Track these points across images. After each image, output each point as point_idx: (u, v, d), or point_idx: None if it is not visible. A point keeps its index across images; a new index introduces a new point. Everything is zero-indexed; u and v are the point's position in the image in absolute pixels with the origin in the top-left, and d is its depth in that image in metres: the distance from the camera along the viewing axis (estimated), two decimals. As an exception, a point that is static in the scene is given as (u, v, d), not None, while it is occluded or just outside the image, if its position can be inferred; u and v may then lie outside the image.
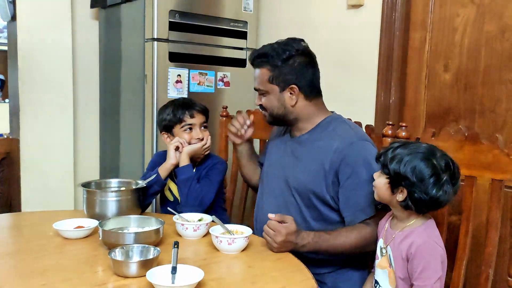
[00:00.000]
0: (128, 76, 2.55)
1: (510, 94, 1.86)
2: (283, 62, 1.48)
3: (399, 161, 1.19)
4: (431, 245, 1.20)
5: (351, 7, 2.29)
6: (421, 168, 1.17)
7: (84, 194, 1.56)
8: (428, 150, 1.21)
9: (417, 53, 2.14)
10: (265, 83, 1.51)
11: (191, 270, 1.09)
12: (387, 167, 1.22)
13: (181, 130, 1.77)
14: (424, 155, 1.19)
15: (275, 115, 1.54)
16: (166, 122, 1.79)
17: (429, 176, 1.17)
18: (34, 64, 2.52)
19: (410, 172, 1.17)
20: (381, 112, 2.20)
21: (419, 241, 1.20)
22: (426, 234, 1.22)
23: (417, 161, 1.18)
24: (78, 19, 2.75)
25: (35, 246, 1.34)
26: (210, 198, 1.72)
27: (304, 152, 1.52)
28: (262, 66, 1.51)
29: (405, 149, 1.21)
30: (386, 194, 1.24)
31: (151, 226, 1.38)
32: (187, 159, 1.73)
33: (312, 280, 1.15)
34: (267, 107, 1.54)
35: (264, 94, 1.54)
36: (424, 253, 1.19)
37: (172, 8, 2.33)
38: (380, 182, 1.25)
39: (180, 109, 1.77)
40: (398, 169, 1.19)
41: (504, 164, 1.34)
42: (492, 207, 1.38)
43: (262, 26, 2.78)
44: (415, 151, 1.20)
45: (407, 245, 1.21)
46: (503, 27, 1.86)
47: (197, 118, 1.77)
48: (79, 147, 2.81)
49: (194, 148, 1.75)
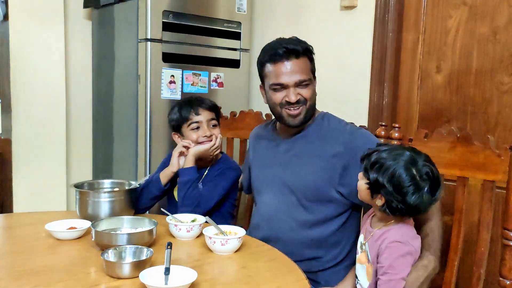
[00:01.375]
0: (122, 76, 2.54)
1: (502, 96, 1.87)
2: (312, 53, 1.54)
3: (379, 168, 1.20)
4: (402, 243, 1.21)
5: (345, 8, 2.30)
6: (400, 177, 1.17)
7: (77, 195, 1.55)
8: (410, 158, 1.20)
9: (409, 54, 2.15)
10: (309, 72, 1.52)
11: (184, 271, 1.09)
12: (367, 172, 1.23)
13: (189, 129, 1.71)
14: (405, 163, 1.18)
15: (312, 106, 1.54)
16: (174, 122, 1.75)
17: (408, 185, 1.17)
18: (26, 64, 2.51)
19: (388, 182, 1.18)
20: (374, 113, 2.21)
21: (391, 239, 1.22)
22: (400, 233, 1.23)
23: (397, 170, 1.17)
24: (70, 19, 2.74)
25: (27, 247, 1.34)
26: (209, 204, 1.66)
27: (304, 150, 1.53)
28: (305, 56, 1.51)
29: (389, 154, 1.21)
30: (367, 197, 1.27)
31: (144, 227, 1.38)
32: (192, 160, 1.66)
33: (306, 281, 1.15)
34: (308, 97, 1.51)
35: (308, 85, 1.51)
36: (393, 250, 1.21)
37: (165, 9, 2.32)
38: (361, 184, 1.27)
39: (185, 107, 1.71)
40: (377, 177, 1.20)
41: (495, 165, 1.35)
42: (483, 208, 1.39)
43: (255, 27, 2.78)
44: (397, 158, 1.19)
45: (380, 241, 1.24)
46: (495, 28, 1.88)
47: (204, 115, 1.71)
48: (72, 148, 2.80)
49: (201, 149, 1.68)
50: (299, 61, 1.49)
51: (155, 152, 2.35)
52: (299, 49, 1.49)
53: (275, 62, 1.50)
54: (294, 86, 1.49)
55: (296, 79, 1.48)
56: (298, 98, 1.49)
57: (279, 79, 1.49)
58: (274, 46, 1.52)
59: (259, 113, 2.13)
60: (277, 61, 1.49)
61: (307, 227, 1.51)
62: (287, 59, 1.48)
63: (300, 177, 1.51)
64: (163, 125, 2.37)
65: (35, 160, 2.56)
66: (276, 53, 1.49)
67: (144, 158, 2.34)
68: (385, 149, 1.24)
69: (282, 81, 1.49)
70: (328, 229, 1.51)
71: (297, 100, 1.49)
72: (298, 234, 1.51)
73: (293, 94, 1.49)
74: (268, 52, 1.52)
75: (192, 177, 1.65)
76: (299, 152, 1.54)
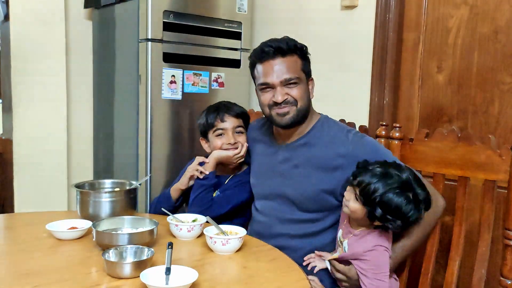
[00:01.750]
0: (122, 76, 2.54)
1: (503, 95, 1.87)
2: (305, 52, 1.50)
3: (379, 203, 1.22)
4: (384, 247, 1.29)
5: (345, 8, 2.30)
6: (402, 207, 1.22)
7: (78, 195, 1.55)
8: (404, 183, 1.24)
9: (410, 53, 2.15)
10: (298, 71, 1.47)
11: (185, 270, 1.08)
12: (368, 203, 1.25)
13: (214, 136, 1.68)
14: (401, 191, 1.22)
15: (303, 107, 1.48)
16: (201, 127, 1.73)
17: (409, 210, 1.23)
18: (28, 64, 2.51)
19: (393, 213, 1.23)
20: (375, 112, 2.21)
21: (376, 242, 1.29)
22: (380, 240, 1.30)
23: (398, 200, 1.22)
24: (71, 19, 2.74)
25: (28, 247, 1.34)
26: (219, 211, 1.63)
27: (305, 162, 1.50)
28: (294, 54, 1.47)
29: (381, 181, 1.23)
30: (361, 217, 1.30)
31: (145, 227, 1.38)
32: (213, 165, 1.63)
33: (306, 281, 1.15)
34: (297, 97, 1.46)
35: (296, 84, 1.46)
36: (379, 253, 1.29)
37: (166, 9, 2.32)
38: (356, 207, 1.29)
39: (212, 113, 1.68)
40: (381, 212, 1.23)
41: (496, 164, 1.35)
42: (485, 208, 1.39)
43: (256, 27, 2.78)
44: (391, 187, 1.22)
45: (361, 245, 1.30)
46: (496, 28, 1.88)
47: (229, 122, 1.67)
48: (73, 148, 2.80)
49: (222, 154, 1.64)
50: (286, 59, 1.45)
51: (156, 152, 2.35)
52: (285, 47, 1.45)
53: (262, 62, 1.48)
54: (281, 85, 1.45)
55: (282, 78, 1.44)
56: (285, 98, 1.45)
57: (265, 78, 1.47)
58: (261, 45, 1.49)
59: (260, 113, 2.12)
60: (263, 60, 1.47)
61: (309, 236, 1.50)
62: (273, 58, 1.45)
63: (301, 190, 1.49)
64: (164, 125, 2.38)
65: (36, 160, 2.57)
66: (263, 52, 1.47)
67: (144, 158, 2.34)
68: (376, 181, 1.24)
69: (268, 80, 1.46)
70: (330, 236, 1.50)
71: (284, 99, 1.45)
72: (300, 243, 1.50)
73: (280, 93, 1.45)
74: (256, 52, 1.50)
75: (209, 182, 1.62)
76: (299, 163, 1.50)
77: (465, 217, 1.45)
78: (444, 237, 1.52)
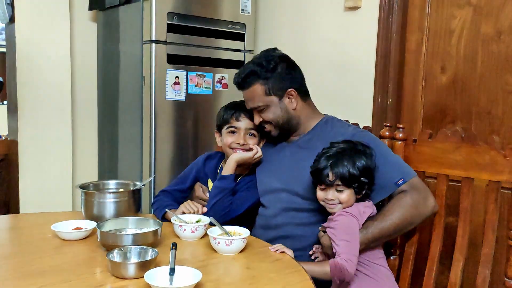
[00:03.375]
0: (126, 78, 2.55)
1: (507, 96, 1.87)
2: (272, 72, 1.55)
3: (360, 172, 1.33)
4: (348, 214, 1.34)
5: (349, 9, 2.30)
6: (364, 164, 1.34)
7: (82, 196, 1.56)
8: (350, 145, 1.38)
9: (414, 55, 2.15)
10: (263, 97, 1.55)
11: (189, 271, 1.09)
12: (345, 179, 1.33)
13: (226, 132, 1.68)
14: (351, 150, 1.36)
15: (280, 124, 1.57)
16: (218, 122, 1.72)
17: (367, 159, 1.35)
18: (32, 66, 2.53)
19: (367, 173, 1.34)
20: (378, 113, 2.20)
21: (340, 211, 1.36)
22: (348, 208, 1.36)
23: (357, 158, 1.34)
24: (76, 21, 2.75)
25: (33, 248, 1.34)
26: (235, 213, 1.61)
27: (308, 155, 1.51)
28: (253, 84, 1.55)
29: (344, 159, 1.34)
30: (353, 200, 1.37)
31: (149, 227, 1.38)
32: (233, 167, 1.61)
33: (310, 281, 1.15)
34: (270, 120, 1.56)
35: (264, 110, 1.56)
36: (342, 220, 1.34)
37: (170, 10, 2.33)
38: (347, 196, 1.35)
39: (229, 110, 1.69)
40: (358, 175, 1.33)
41: (500, 165, 1.34)
42: (489, 209, 1.38)
43: (260, 28, 2.78)
44: (346, 152, 1.35)
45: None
46: (499, 29, 1.88)
47: (244, 122, 1.65)
48: (77, 149, 2.81)
49: (244, 157, 1.62)
50: (247, 91, 1.57)
51: (160, 153, 2.36)
52: (241, 81, 1.57)
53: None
54: (254, 110, 1.58)
55: (249, 106, 1.59)
56: (261, 120, 1.58)
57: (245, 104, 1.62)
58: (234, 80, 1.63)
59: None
60: (239, 90, 1.63)
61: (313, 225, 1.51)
62: (241, 89, 1.61)
63: (305, 180, 1.51)
64: (168, 125, 2.39)
65: (41, 161, 2.58)
66: (235, 83, 1.62)
67: (149, 159, 2.35)
68: (329, 158, 1.36)
69: (246, 105, 1.61)
70: None
71: (260, 121, 1.58)
72: (304, 232, 1.51)
73: (256, 117, 1.59)
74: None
75: (230, 185, 1.60)
76: (304, 156, 1.53)
77: (469, 218, 1.44)
78: (448, 238, 1.52)
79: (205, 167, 1.78)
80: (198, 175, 1.77)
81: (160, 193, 1.77)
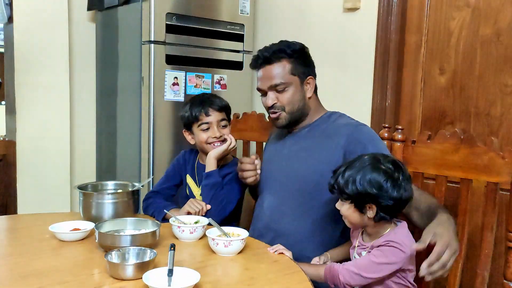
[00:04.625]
0: (125, 78, 2.55)
1: (505, 97, 1.87)
2: (299, 54, 1.55)
3: (353, 183, 1.22)
4: (393, 243, 1.22)
5: (348, 10, 2.30)
6: (375, 178, 1.21)
7: (81, 197, 1.56)
8: (372, 159, 1.25)
9: (412, 56, 2.15)
10: (287, 75, 1.53)
11: (188, 272, 1.09)
12: (345, 193, 1.25)
13: (199, 129, 1.72)
14: (372, 166, 1.23)
15: (295, 110, 1.55)
16: (184, 120, 1.76)
17: (385, 181, 1.20)
18: (31, 66, 2.52)
19: (369, 187, 1.21)
20: (377, 114, 2.21)
21: (386, 239, 1.24)
22: (395, 235, 1.24)
23: (369, 174, 1.21)
24: (74, 21, 2.75)
25: (31, 249, 1.34)
26: (232, 207, 1.67)
27: (309, 143, 1.55)
28: (281, 59, 1.53)
29: (352, 169, 1.25)
30: (357, 217, 1.27)
31: (148, 228, 1.38)
32: (214, 163, 1.67)
33: (308, 282, 1.15)
34: (287, 102, 1.53)
35: (284, 89, 1.53)
36: (383, 249, 1.23)
37: (169, 11, 2.33)
38: (346, 210, 1.28)
39: (196, 107, 1.72)
40: (357, 190, 1.22)
41: (499, 166, 1.35)
42: (487, 210, 1.39)
43: (258, 29, 2.78)
44: (362, 166, 1.23)
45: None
46: (498, 30, 1.88)
47: (214, 116, 1.71)
48: (76, 149, 2.81)
49: (220, 151, 1.68)
50: (272, 66, 1.53)
51: (159, 153, 2.36)
52: (270, 55, 1.53)
53: (255, 69, 1.60)
54: (270, 90, 1.54)
55: (268, 84, 1.54)
56: (274, 103, 1.54)
57: (258, 84, 1.58)
58: (254, 55, 1.60)
59: (262, 114, 2.13)
60: (255, 68, 1.59)
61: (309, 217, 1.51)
62: (262, 66, 1.56)
63: (304, 168, 1.53)
64: (166, 126, 2.38)
65: (39, 162, 2.57)
66: (254, 61, 1.59)
67: (147, 159, 2.35)
68: (345, 169, 1.26)
69: (259, 86, 1.57)
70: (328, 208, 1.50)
71: (273, 104, 1.54)
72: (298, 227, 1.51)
73: (269, 98, 1.54)
74: (251, 60, 1.61)
75: (218, 179, 1.66)
76: (305, 146, 1.56)
77: (467, 219, 1.44)
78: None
79: (184, 164, 1.84)
80: (180, 172, 1.84)
81: (151, 194, 1.79)
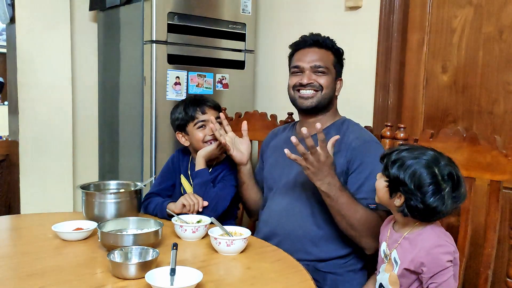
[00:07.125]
0: (127, 78, 2.55)
1: (508, 95, 1.86)
2: (340, 54, 1.62)
3: (400, 166, 1.16)
4: (441, 246, 1.16)
5: (349, 9, 2.30)
6: (421, 175, 1.14)
7: (83, 196, 1.56)
8: (433, 157, 1.17)
9: (415, 54, 2.15)
10: (329, 64, 1.58)
11: (190, 271, 1.09)
12: (387, 170, 1.20)
13: (195, 128, 1.72)
14: (427, 162, 1.15)
15: (327, 97, 1.57)
16: (179, 121, 1.76)
17: (428, 184, 1.13)
18: (33, 66, 2.53)
19: (409, 179, 1.14)
20: (379, 113, 2.20)
21: (429, 243, 1.16)
22: (435, 235, 1.18)
23: (418, 168, 1.14)
24: (76, 21, 2.75)
25: (34, 248, 1.34)
26: (225, 204, 1.66)
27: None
28: (328, 49, 1.59)
29: (410, 153, 1.18)
30: (385, 196, 1.22)
31: (150, 228, 1.38)
32: (203, 162, 1.68)
33: (311, 282, 1.15)
34: (325, 85, 1.56)
35: (324, 73, 1.56)
36: (435, 257, 1.15)
37: (170, 10, 2.33)
38: (380, 184, 1.23)
39: (191, 106, 1.73)
40: (398, 174, 1.16)
41: (502, 165, 1.34)
42: (490, 208, 1.38)
43: (260, 28, 2.78)
44: (419, 157, 1.16)
45: (417, 248, 1.18)
46: (501, 28, 1.87)
47: (210, 114, 1.73)
48: (78, 149, 2.81)
49: (208, 150, 1.69)
50: (320, 50, 1.57)
51: (161, 153, 2.36)
52: (322, 41, 1.58)
53: (298, 49, 1.61)
54: (310, 70, 1.56)
55: (312, 64, 1.55)
56: (311, 82, 1.55)
57: (297, 62, 1.59)
58: (302, 36, 1.63)
59: (264, 114, 2.13)
60: (300, 48, 1.60)
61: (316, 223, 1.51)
62: (310, 47, 1.58)
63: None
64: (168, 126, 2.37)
65: (42, 162, 2.58)
66: (303, 41, 1.61)
67: (149, 159, 2.35)
68: (407, 148, 1.21)
69: (299, 63, 1.58)
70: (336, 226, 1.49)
71: (309, 82, 1.55)
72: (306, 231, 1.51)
73: (307, 77, 1.55)
74: (296, 41, 1.63)
75: (207, 178, 1.66)
76: None
77: (470, 218, 1.44)
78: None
79: (177, 164, 1.84)
80: (174, 172, 1.83)
81: (149, 195, 1.78)
